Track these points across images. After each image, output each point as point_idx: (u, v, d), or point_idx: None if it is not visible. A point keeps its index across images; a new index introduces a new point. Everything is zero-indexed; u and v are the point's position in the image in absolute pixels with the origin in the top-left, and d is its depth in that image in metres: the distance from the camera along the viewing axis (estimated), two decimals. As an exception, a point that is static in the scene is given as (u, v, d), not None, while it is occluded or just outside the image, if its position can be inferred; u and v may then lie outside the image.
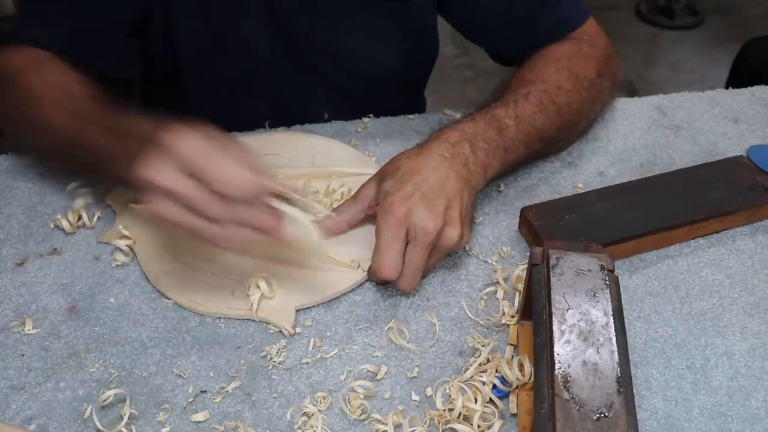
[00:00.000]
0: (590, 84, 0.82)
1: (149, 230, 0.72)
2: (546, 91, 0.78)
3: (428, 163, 0.68)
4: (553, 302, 0.54)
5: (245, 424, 0.57)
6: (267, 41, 0.87)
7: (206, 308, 0.65)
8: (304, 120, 0.90)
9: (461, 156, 0.70)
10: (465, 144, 0.71)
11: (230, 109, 0.90)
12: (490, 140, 0.72)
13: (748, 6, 3.16)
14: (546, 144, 0.79)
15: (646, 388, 0.60)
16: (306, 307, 0.66)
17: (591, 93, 0.82)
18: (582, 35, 0.85)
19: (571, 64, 0.81)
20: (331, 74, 0.92)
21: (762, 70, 1.56)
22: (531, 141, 0.76)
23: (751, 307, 0.67)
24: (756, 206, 0.74)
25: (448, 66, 2.62)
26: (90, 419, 0.56)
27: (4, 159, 0.84)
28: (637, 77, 2.70)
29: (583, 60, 0.83)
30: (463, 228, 0.66)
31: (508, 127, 0.74)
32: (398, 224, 0.64)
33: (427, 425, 0.56)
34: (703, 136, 0.88)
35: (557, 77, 0.79)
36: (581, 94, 0.81)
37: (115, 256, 0.70)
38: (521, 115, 0.75)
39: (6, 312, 0.66)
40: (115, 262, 0.70)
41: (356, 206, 0.71)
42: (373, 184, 0.70)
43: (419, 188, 0.65)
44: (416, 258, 0.64)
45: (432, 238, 0.64)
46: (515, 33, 0.86)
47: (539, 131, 0.76)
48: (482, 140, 0.72)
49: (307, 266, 0.69)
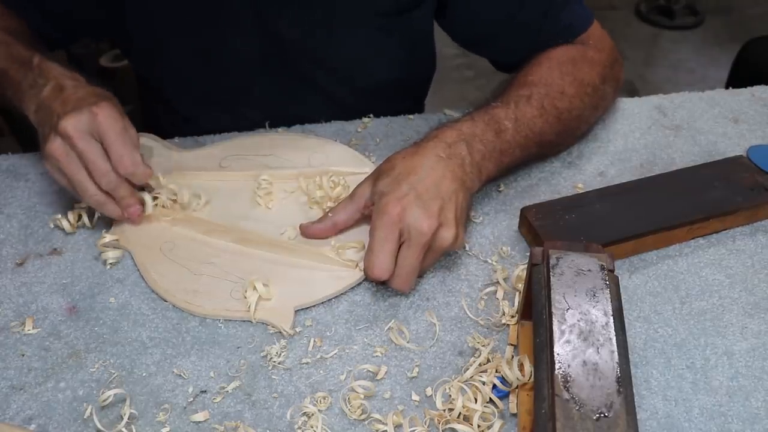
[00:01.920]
0: (593, 90, 0.81)
1: (146, 233, 0.72)
2: (548, 95, 0.77)
3: (424, 163, 0.67)
4: (553, 302, 0.54)
5: (245, 424, 0.57)
6: (259, 55, 0.86)
7: (204, 310, 0.65)
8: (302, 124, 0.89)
9: (457, 157, 0.69)
10: (462, 144, 0.70)
11: (226, 118, 0.90)
12: (488, 142, 0.72)
13: (748, 6, 3.16)
14: (543, 148, 0.79)
15: (646, 388, 0.60)
16: (305, 307, 0.66)
17: (593, 99, 0.81)
18: (587, 39, 0.84)
19: (575, 70, 0.80)
20: (327, 85, 0.91)
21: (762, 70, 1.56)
22: (528, 144, 0.75)
23: (751, 307, 0.67)
24: (756, 206, 0.74)
25: (448, 66, 2.62)
26: (90, 419, 0.56)
27: (4, 159, 0.84)
28: (637, 77, 2.70)
29: (588, 65, 0.81)
30: (458, 229, 0.66)
31: (507, 130, 0.73)
32: (392, 224, 0.63)
33: (427, 425, 0.56)
34: (703, 136, 0.88)
35: (561, 82, 0.78)
36: (583, 101, 0.80)
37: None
38: (521, 118, 0.74)
39: (6, 312, 0.66)
40: (109, 264, 0.70)
41: (351, 206, 0.71)
42: (369, 184, 0.70)
43: (414, 188, 0.65)
44: (410, 259, 0.64)
45: (427, 239, 0.64)
46: (519, 43, 0.84)
47: (537, 135, 0.76)
48: (479, 142, 0.71)
49: (305, 266, 0.69)
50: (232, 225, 0.73)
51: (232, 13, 0.82)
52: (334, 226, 0.71)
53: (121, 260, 0.71)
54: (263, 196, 0.76)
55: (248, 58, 0.86)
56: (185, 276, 0.68)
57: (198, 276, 0.68)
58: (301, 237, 0.72)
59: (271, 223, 0.74)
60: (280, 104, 0.91)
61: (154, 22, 0.83)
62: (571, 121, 0.79)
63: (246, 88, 0.90)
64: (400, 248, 0.64)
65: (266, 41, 0.85)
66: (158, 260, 0.70)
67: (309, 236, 0.72)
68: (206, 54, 0.86)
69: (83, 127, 0.66)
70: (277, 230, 0.73)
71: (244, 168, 0.80)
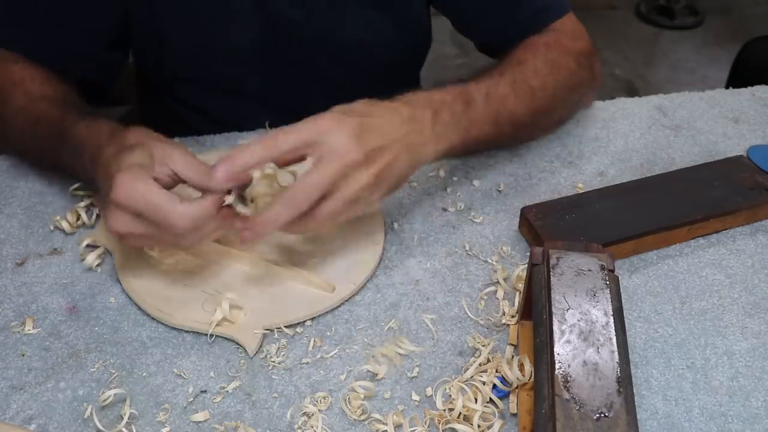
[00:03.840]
0: (568, 72, 0.82)
1: None
2: (521, 72, 0.77)
3: (381, 112, 0.64)
4: (553, 302, 0.54)
5: (245, 424, 0.57)
6: (259, 41, 0.86)
7: (175, 320, 0.64)
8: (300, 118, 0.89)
9: (417, 122, 0.66)
10: (427, 112, 0.68)
11: (225, 110, 0.90)
12: (455, 113, 0.70)
13: (748, 6, 3.16)
14: (518, 129, 0.79)
15: (646, 388, 0.60)
16: (273, 328, 0.64)
17: (569, 81, 0.82)
18: (563, 27, 0.85)
19: (548, 52, 0.81)
20: (326, 68, 0.91)
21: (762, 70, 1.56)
22: (500, 120, 0.75)
23: (751, 307, 0.67)
24: (756, 206, 0.74)
25: (448, 66, 2.62)
26: (90, 419, 0.56)
27: (4, 159, 0.84)
28: (637, 77, 2.71)
29: (562, 50, 0.82)
30: (382, 184, 0.62)
31: (476, 102, 0.73)
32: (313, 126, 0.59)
33: (427, 425, 0.56)
34: (704, 136, 0.88)
35: (534, 61, 0.79)
36: (558, 80, 0.80)
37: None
38: (492, 93, 0.74)
39: (6, 312, 0.66)
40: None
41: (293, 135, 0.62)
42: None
43: (360, 117, 0.61)
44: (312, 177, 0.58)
45: (341, 164, 0.58)
46: (497, 18, 0.85)
47: (510, 112, 0.75)
48: (447, 111, 0.70)
49: (282, 285, 0.67)
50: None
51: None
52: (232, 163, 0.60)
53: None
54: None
55: (247, 42, 0.86)
56: (161, 283, 0.67)
57: (174, 284, 0.67)
58: (283, 253, 0.70)
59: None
60: (277, 94, 0.91)
61: (155, 10, 0.83)
62: (545, 100, 0.79)
63: (243, 76, 0.91)
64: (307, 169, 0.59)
65: (266, 25, 0.85)
66: (137, 264, 0.69)
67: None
68: (206, 40, 0.86)
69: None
70: (261, 243, 0.70)
71: None
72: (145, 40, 0.88)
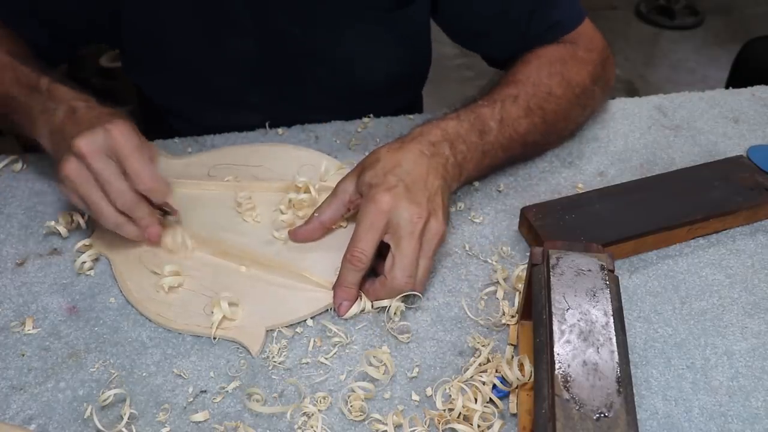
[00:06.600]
0: (582, 91, 0.81)
1: (125, 240, 0.69)
2: (535, 96, 0.77)
3: (408, 157, 0.67)
4: (553, 302, 0.54)
5: (245, 424, 0.57)
6: (257, 54, 0.86)
7: (176, 325, 0.64)
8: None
9: (440, 156, 0.69)
10: (445, 144, 0.70)
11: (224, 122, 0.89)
12: (471, 143, 0.72)
13: (748, 6, 3.16)
14: (527, 148, 0.79)
15: (646, 388, 0.60)
16: (276, 328, 0.64)
17: (582, 100, 0.81)
18: (578, 37, 0.84)
19: (564, 69, 0.80)
20: (326, 82, 0.90)
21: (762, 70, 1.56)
22: (512, 145, 0.75)
23: (751, 307, 0.67)
24: (756, 206, 0.74)
25: (448, 66, 2.62)
26: (90, 419, 0.56)
27: (3, 159, 0.84)
28: (637, 77, 2.71)
29: (578, 65, 0.81)
30: (445, 222, 0.66)
31: (491, 130, 0.73)
32: (380, 213, 0.63)
33: (427, 425, 0.56)
34: (703, 136, 0.88)
35: (548, 82, 0.78)
36: (571, 101, 0.80)
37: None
38: (506, 118, 0.74)
39: (6, 312, 0.66)
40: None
41: (336, 202, 0.70)
42: (353, 178, 0.69)
43: (402, 180, 0.65)
44: (409, 249, 0.63)
45: (418, 229, 0.63)
46: (509, 37, 0.84)
47: (522, 136, 0.76)
48: (463, 142, 0.71)
49: (283, 285, 0.67)
50: (214, 236, 0.71)
51: (230, 12, 0.82)
52: (321, 225, 0.70)
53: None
54: (245, 212, 0.74)
55: (246, 57, 0.86)
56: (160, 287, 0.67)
57: (174, 288, 0.67)
58: (283, 252, 0.70)
59: (254, 235, 0.72)
60: (277, 107, 0.90)
61: (151, 22, 0.82)
62: (557, 123, 0.79)
63: (243, 90, 0.90)
64: (394, 246, 0.63)
65: (265, 39, 0.84)
66: (135, 269, 0.69)
67: (298, 240, 0.70)
68: (204, 54, 0.85)
69: (98, 146, 0.63)
70: (260, 243, 0.71)
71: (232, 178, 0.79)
72: (142, 51, 0.87)
